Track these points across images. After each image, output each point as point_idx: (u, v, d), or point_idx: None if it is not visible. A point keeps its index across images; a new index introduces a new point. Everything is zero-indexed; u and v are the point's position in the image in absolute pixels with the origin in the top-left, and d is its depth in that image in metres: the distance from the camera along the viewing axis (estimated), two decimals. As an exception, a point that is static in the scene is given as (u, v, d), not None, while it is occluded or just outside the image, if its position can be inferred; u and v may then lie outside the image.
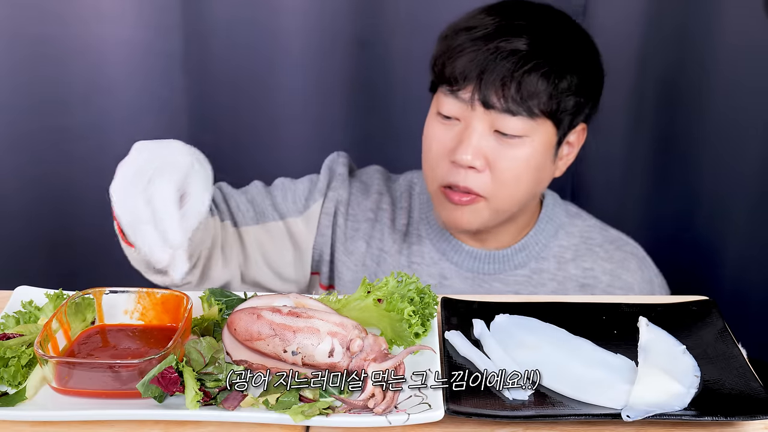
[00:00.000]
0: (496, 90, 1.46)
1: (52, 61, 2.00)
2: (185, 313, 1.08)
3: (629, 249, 1.68)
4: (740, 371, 1.09)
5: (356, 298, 1.16)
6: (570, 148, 1.58)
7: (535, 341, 1.16)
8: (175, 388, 1.00)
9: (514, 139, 1.48)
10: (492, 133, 1.49)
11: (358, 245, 1.66)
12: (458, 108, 1.50)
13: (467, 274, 1.63)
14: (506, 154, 1.49)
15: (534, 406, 1.04)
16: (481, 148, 1.49)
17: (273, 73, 2.05)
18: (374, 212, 1.68)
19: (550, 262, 1.64)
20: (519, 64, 1.46)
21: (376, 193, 1.69)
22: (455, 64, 1.48)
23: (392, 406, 1.01)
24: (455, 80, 1.49)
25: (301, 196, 1.65)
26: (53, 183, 2.09)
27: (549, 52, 1.48)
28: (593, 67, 1.55)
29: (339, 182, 1.67)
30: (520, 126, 1.47)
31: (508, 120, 1.47)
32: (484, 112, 1.47)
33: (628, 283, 1.63)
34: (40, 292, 1.19)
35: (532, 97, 1.46)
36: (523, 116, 1.47)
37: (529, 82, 1.45)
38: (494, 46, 1.47)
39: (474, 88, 1.47)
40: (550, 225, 1.65)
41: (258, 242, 1.60)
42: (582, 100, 1.52)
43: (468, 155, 1.48)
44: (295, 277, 1.66)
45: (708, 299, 1.24)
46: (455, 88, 1.49)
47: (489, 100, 1.46)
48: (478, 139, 1.48)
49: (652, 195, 2.16)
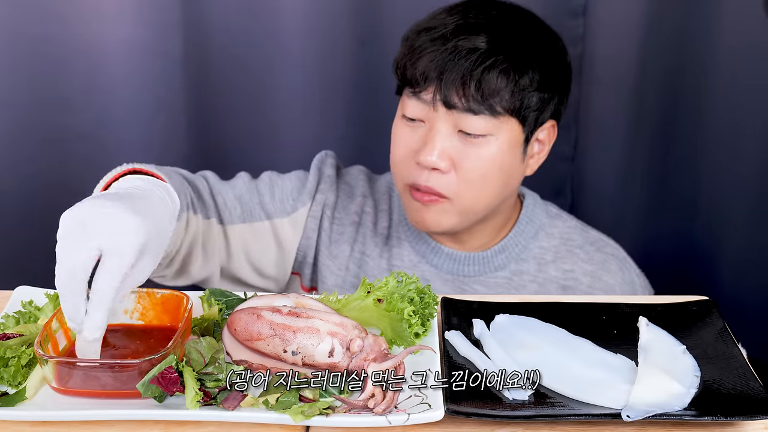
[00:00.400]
0: (456, 89, 1.45)
1: (52, 60, 2.00)
2: (185, 313, 1.08)
3: (609, 250, 1.67)
4: (740, 371, 1.09)
5: (356, 298, 1.16)
6: (541, 146, 1.57)
7: (535, 341, 1.16)
8: (175, 388, 1.00)
9: (477, 138, 1.47)
10: (456, 134, 1.48)
11: (342, 249, 1.65)
12: (421, 110, 1.49)
13: (447, 277, 1.63)
14: (471, 154, 1.48)
15: (534, 406, 1.04)
16: (445, 149, 1.48)
17: (273, 74, 2.05)
18: (359, 215, 1.67)
19: (530, 263, 1.64)
20: (478, 62, 1.44)
21: (360, 195, 1.69)
22: (416, 65, 1.48)
23: (392, 406, 1.01)
24: (417, 82, 1.48)
25: (289, 196, 1.63)
26: (53, 182, 2.09)
27: (509, 49, 1.46)
28: (557, 63, 1.54)
29: (327, 185, 1.66)
30: (483, 125, 1.46)
31: (470, 119, 1.46)
32: (446, 112, 1.47)
33: (609, 284, 1.63)
34: (40, 292, 1.19)
35: (493, 94, 1.45)
36: (485, 115, 1.46)
37: (488, 79, 1.44)
38: (453, 46, 1.46)
39: (435, 89, 1.46)
40: (530, 226, 1.65)
41: (243, 240, 1.58)
42: (546, 95, 1.50)
43: (432, 156, 1.47)
44: (276, 275, 1.65)
45: (708, 299, 1.24)
46: (417, 90, 1.48)
47: (450, 100, 1.45)
48: (442, 141, 1.48)
49: (652, 197, 2.16)
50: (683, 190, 2.14)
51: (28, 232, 2.12)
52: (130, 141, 2.07)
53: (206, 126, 2.09)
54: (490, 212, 1.57)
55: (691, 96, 2.05)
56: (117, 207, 1.01)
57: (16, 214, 2.11)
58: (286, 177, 1.66)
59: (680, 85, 2.06)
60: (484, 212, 1.55)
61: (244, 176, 1.64)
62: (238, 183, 1.61)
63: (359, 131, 2.11)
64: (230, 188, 1.59)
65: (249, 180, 1.63)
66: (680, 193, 2.14)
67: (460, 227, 1.57)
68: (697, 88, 2.04)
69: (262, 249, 1.61)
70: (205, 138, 2.08)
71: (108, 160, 2.06)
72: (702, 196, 2.13)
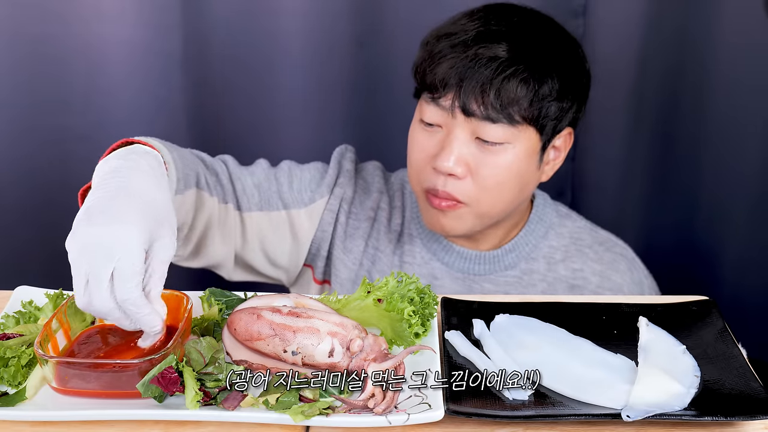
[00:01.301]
0: (475, 97, 1.45)
1: (52, 60, 2.00)
2: (185, 313, 1.08)
3: (618, 250, 1.67)
4: (740, 371, 1.09)
5: (356, 298, 1.16)
6: (557, 153, 1.58)
7: (535, 341, 1.16)
8: (175, 388, 1.00)
9: (495, 146, 1.47)
10: (473, 140, 1.48)
11: (357, 243, 1.66)
12: (439, 115, 1.49)
13: (458, 275, 1.63)
14: (488, 162, 1.48)
15: (534, 406, 1.05)
16: (462, 156, 1.48)
17: (272, 74, 2.05)
18: (374, 211, 1.67)
19: (539, 262, 1.64)
20: (498, 70, 1.44)
21: (376, 191, 1.69)
22: (436, 71, 1.48)
23: (392, 406, 1.01)
24: (435, 88, 1.48)
25: (307, 188, 1.63)
26: (53, 182, 2.09)
27: (529, 57, 1.46)
28: (577, 72, 1.54)
29: (346, 179, 1.66)
30: (501, 133, 1.47)
31: (488, 127, 1.46)
32: (464, 119, 1.47)
33: (618, 284, 1.63)
34: (40, 292, 1.19)
35: (512, 103, 1.45)
36: (503, 123, 1.46)
37: (508, 88, 1.44)
38: (473, 53, 1.46)
39: (454, 96, 1.46)
40: (540, 225, 1.65)
41: (258, 228, 1.58)
42: (565, 105, 1.51)
43: (449, 162, 1.47)
44: (288, 265, 1.65)
45: (708, 299, 1.24)
46: (436, 96, 1.48)
47: (469, 108, 1.45)
48: (460, 147, 1.48)
49: (652, 196, 2.16)
50: (684, 189, 2.14)
51: (28, 231, 2.12)
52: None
53: (205, 126, 2.09)
54: (504, 216, 1.58)
55: (692, 95, 2.06)
56: (102, 225, 1.03)
57: (17, 213, 2.11)
58: (305, 168, 1.66)
59: (680, 84, 2.06)
60: (499, 216, 1.56)
61: (263, 163, 1.64)
62: (257, 170, 1.61)
63: (358, 131, 2.11)
64: (249, 175, 1.60)
65: (268, 167, 1.63)
66: (681, 192, 2.14)
67: (476, 230, 1.57)
68: (697, 87, 2.04)
69: (278, 238, 1.61)
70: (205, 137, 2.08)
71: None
72: (703, 195, 2.13)
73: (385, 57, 2.05)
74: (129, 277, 1.01)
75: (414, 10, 2.01)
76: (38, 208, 2.11)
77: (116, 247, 1.01)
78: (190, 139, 2.08)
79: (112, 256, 1.01)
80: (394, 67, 2.03)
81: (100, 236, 1.02)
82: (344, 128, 2.10)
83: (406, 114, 2.08)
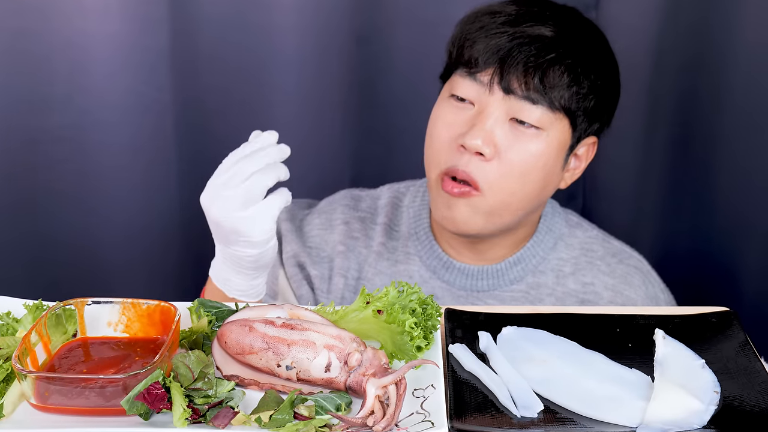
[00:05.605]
0: (518, 76, 1.47)
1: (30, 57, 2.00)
2: (173, 325, 1.08)
3: (632, 262, 1.66)
4: (763, 387, 1.09)
5: (354, 309, 1.15)
6: (578, 162, 1.59)
7: (545, 355, 1.16)
8: (161, 404, 1.00)
9: (530, 129, 1.49)
10: (507, 121, 1.49)
11: (335, 282, 1.66)
12: (475, 90, 1.50)
13: (460, 293, 1.63)
14: (519, 146, 1.49)
15: (543, 424, 1.04)
16: (493, 135, 1.49)
17: (266, 72, 2.05)
18: (344, 244, 1.68)
19: (548, 276, 1.63)
20: (543, 51, 1.47)
21: (341, 224, 1.70)
22: (476, 46, 1.49)
23: (393, 423, 1.01)
24: (475, 62, 1.49)
25: (270, 273, 1.67)
26: (33, 186, 2.08)
27: (574, 44, 1.50)
28: (614, 77, 1.57)
29: (286, 241, 1.68)
30: (539, 116, 1.48)
31: (527, 108, 1.48)
32: (503, 97, 1.48)
33: (631, 299, 1.62)
34: (19, 303, 1.19)
35: (555, 88, 1.47)
36: (543, 106, 1.48)
37: (553, 72, 1.47)
38: (519, 31, 1.48)
39: (494, 72, 1.48)
40: (549, 236, 1.65)
41: None
42: (601, 105, 1.53)
43: (478, 140, 1.48)
44: None
45: (728, 310, 1.24)
46: (474, 71, 1.50)
47: (510, 86, 1.47)
48: (492, 125, 1.49)
49: (667, 201, 2.16)
50: (700, 193, 2.14)
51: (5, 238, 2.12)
52: (114, 143, 2.07)
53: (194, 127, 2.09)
54: (516, 222, 1.57)
55: (709, 93, 2.05)
56: None
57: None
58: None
59: (697, 82, 2.06)
60: (511, 218, 1.55)
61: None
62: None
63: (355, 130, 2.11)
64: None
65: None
66: (697, 196, 2.14)
67: (486, 231, 1.56)
68: (715, 86, 2.04)
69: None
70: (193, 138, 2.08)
71: (92, 163, 2.07)
72: (721, 199, 2.13)
73: (383, 54, 2.05)
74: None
75: (413, 5, 2.02)
76: (17, 213, 2.11)
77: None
78: (177, 141, 2.08)
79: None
80: (393, 64, 2.04)
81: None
82: (342, 127, 2.10)
83: (406, 111, 2.08)
